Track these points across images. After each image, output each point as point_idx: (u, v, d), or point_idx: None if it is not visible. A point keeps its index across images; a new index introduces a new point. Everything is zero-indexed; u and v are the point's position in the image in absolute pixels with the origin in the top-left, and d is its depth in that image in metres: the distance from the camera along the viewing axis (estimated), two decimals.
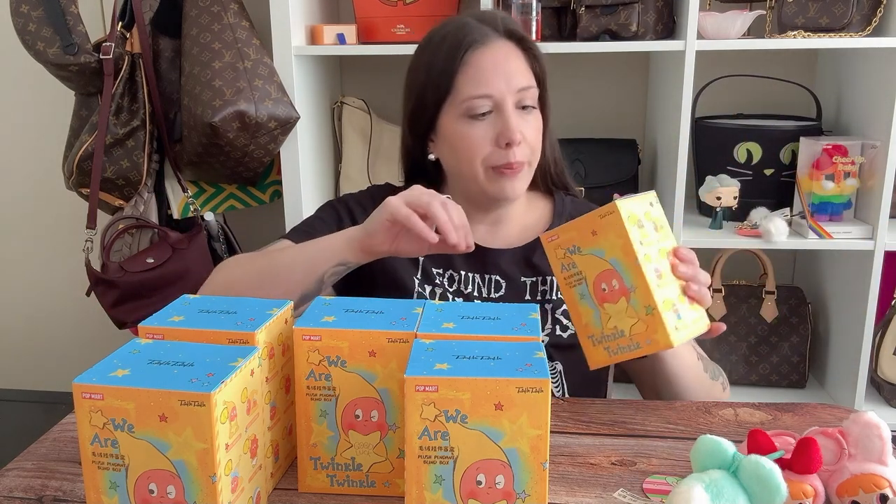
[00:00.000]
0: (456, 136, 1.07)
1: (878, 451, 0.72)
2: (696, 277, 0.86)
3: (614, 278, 0.82)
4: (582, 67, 2.05)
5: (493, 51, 1.06)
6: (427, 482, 0.68)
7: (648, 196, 0.86)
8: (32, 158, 2.34)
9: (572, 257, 0.85)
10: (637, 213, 0.82)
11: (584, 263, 0.85)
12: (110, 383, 0.65)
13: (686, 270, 0.85)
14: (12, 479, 0.81)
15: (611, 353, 0.85)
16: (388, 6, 1.80)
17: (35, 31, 1.67)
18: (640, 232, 0.82)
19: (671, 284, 0.84)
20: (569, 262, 0.86)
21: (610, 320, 0.84)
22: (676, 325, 0.82)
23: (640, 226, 0.82)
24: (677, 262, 0.85)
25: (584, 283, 0.85)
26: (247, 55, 1.69)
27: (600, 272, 0.83)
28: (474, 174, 1.08)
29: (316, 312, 0.79)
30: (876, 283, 1.74)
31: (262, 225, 2.14)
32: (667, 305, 0.81)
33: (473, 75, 1.05)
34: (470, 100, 1.05)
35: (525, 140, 1.06)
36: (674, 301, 0.83)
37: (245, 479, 0.72)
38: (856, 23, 1.69)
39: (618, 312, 0.83)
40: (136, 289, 1.73)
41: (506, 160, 1.05)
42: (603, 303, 0.84)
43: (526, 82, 1.06)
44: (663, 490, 0.78)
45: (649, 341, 0.82)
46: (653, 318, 0.81)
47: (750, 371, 1.96)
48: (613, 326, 0.84)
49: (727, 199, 1.80)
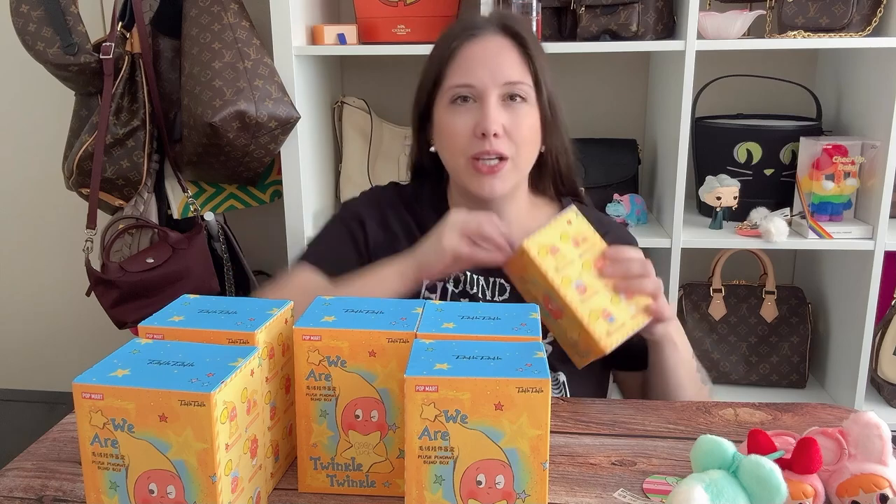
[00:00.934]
0: (441, 124, 1.10)
1: (878, 451, 0.72)
2: (625, 273, 0.91)
3: (550, 302, 0.91)
4: (582, 67, 2.05)
5: (484, 43, 1.08)
6: (427, 482, 0.68)
7: (565, 216, 0.93)
8: (32, 158, 2.34)
9: (526, 286, 0.95)
10: (547, 242, 0.90)
11: (533, 288, 0.94)
12: (110, 383, 0.65)
13: (612, 269, 0.91)
14: (12, 479, 0.81)
15: (580, 357, 0.94)
16: (388, 6, 1.80)
17: (35, 31, 1.67)
18: (554, 259, 0.89)
19: (599, 292, 0.91)
20: (525, 290, 0.96)
21: (567, 333, 0.93)
22: (608, 329, 0.90)
23: (554, 252, 0.90)
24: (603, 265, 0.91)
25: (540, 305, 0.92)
26: (247, 55, 1.69)
27: (542, 296, 0.92)
28: (457, 166, 1.10)
29: (316, 312, 0.79)
30: (876, 283, 1.74)
31: (262, 225, 2.14)
32: (594, 316, 0.89)
33: (460, 65, 1.07)
34: (453, 88, 1.07)
35: (507, 134, 1.06)
36: (604, 307, 0.90)
37: (245, 479, 0.72)
38: (856, 23, 1.69)
39: (566, 325, 0.92)
40: (136, 289, 1.73)
41: (481, 148, 1.06)
42: (557, 320, 0.93)
43: (516, 76, 1.07)
44: (663, 490, 0.78)
45: (591, 350, 0.91)
46: (585, 332, 0.89)
47: (750, 371, 1.96)
48: (571, 337, 0.93)
49: (727, 199, 1.80)
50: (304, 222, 1.83)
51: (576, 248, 0.91)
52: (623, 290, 0.91)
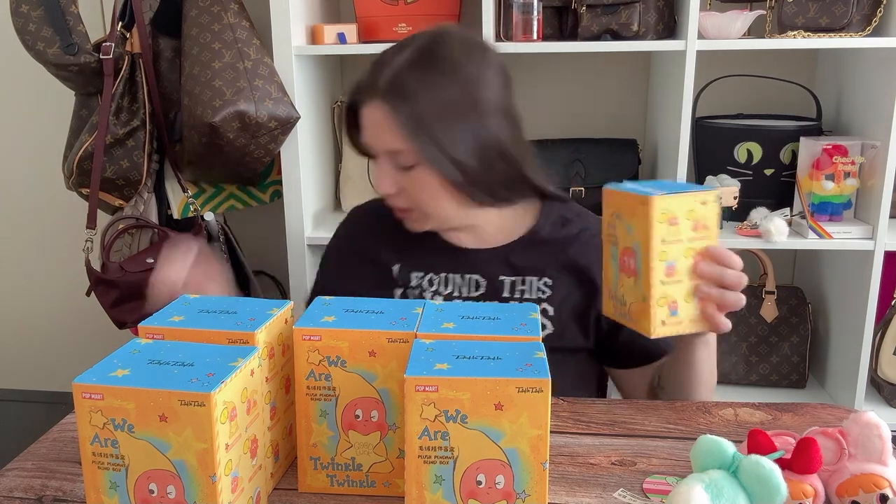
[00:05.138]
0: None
1: (878, 451, 0.72)
2: (719, 277, 0.88)
3: (632, 258, 0.88)
4: (583, 67, 2.05)
5: (367, 114, 1.06)
6: (427, 482, 0.68)
7: (703, 194, 0.87)
8: (32, 158, 2.34)
9: (615, 220, 0.91)
10: (674, 210, 0.85)
11: (620, 231, 0.90)
12: (110, 383, 0.65)
13: (706, 269, 0.88)
14: (12, 479, 0.81)
15: (616, 312, 0.93)
16: (389, 5, 1.80)
17: (35, 31, 1.67)
18: (668, 229, 0.85)
19: (682, 282, 0.88)
20: (612, 223, 0.92)
21: (621, 287, 0.91)
22: (665, 319, 0.88)
23: (672, 223, 0.86)
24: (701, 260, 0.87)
25: (616, 247, 0.91)
26: (247, 55, 1.69)
27: (626, 247, 0.89)
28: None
29: (316, 312, 0.79)
30: (876, 283, 1.74)
31: (262, 225, 2.14)
32: (662, 301, 0.87)
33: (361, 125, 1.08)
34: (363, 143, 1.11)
35: (404, 192, 1.07)
36: (676, 298, 0.88)
37: (245, 479, 0.72)
38: (856, 23, 1.69)
39: (627, 286, 0.90)
40: (136, 289, 1.73)
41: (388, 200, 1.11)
42: (622, 272, 0.91)
43: (395, 146, 1.03)
44: (663, 490, 0.78)
45: (637, 322, 0.89)
46: (645, 307, 0.87)
47: (750, 371, 1.96)
48: (622, 294, 0.91)
49: (727, 199, 1.80)
50: (304, 222, 1.83)
51: (692, 232, 0.87)
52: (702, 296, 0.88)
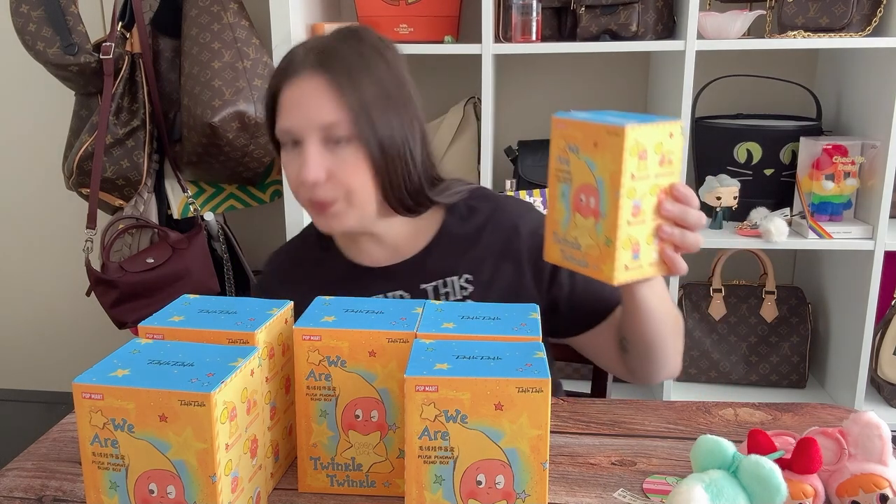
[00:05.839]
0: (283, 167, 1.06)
1: (878, 451, 0.72)
2: (682, 217, 0.82)
3: (592, 196, 0.80)
4: (582, 67, 2.05)
5: (300, 85, 1.00)
6: (427, 482, 0.68)
7: (670, 126, 0.80)
8: (32, 158, 2.34)
9: (569, 154, 0.82)
10: (645, 143, 0.78)
11: (575, 166, 0.81)
12: (110, 383, 0.65)
13: (671, 209, 0.81)
14: (12, 479, 0.81)
15: (564, 257, 0.84)
16: (390, 5, 1.79)
17: (35, 31, 1.67)
18: (638, 164, 0.78)
19: (646, 223, 0.81)
20: (565, 157, 0.83)
21: (574, 229, 0.82)
22: (628, 264, 0.80)
23: (642, 157, 0.78)
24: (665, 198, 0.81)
25: (568, 184, 0.82)
26: (246, 55, 1.69)
27: (584, 183, 0.81)
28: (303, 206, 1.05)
29: (316, 312, 0.79)
30: (876, 283, 1.74)
31: (262, 225, 2.14)
32: (626, 244, 0.80)
33: (282, 108, 1.02)
34: (280, 132, 1.02)
35: (332, 177, 1.00)
36: (638, 240, 0.81)
37: (245, 479, 0.72)
38: (856, 23, 1.69)
39: (583, 227, 0.81)
40: (136, 289, 1.73)
41: (308, 196, 1.02)
42: (575, 211, 0.82)
43: (331, 118, 0.98)
44: (663, 490, 0.78)
45: (595, 268, 0.81)
46: (607, 250, 0.79)
47: (750, 371, 1.96)
48: (574, 237, 0.82)
49: (727, 199, 1.80)
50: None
51: (658, 167, 0.80)
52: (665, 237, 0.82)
